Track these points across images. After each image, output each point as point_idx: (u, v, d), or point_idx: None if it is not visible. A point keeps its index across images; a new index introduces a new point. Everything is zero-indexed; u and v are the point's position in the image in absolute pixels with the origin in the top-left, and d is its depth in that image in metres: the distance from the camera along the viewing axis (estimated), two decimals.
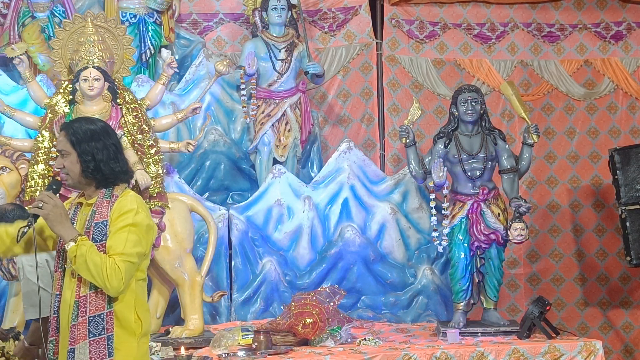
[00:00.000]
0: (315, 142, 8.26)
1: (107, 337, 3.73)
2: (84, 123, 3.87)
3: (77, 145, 3.79)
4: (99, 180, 3.82)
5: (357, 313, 7.28)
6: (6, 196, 6.43)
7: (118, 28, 6.95)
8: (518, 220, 6.56)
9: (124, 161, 3.89)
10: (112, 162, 3.82)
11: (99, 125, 3.88)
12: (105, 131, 3.86)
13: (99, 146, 3.79)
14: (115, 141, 3.87)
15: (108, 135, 3.85)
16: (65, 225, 3.75)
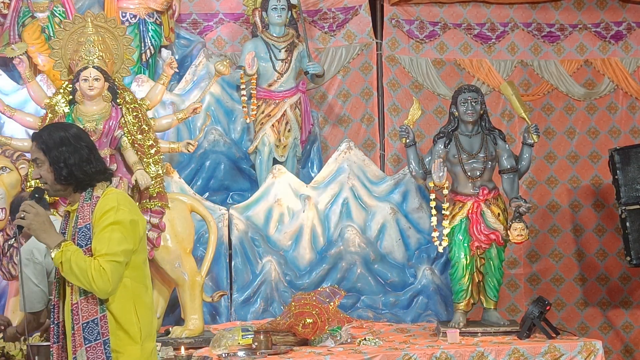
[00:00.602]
0: (315, 142, 8.26)
1: (103, 341, 3.66)
2: (54, 130, 3.82)
3: (48, 152, 3.75)
4: (75, 184, 3.77)
5: (357, 313, 7.28)
6: (6, 196, 6.43)
7: (118, 28, 6.94)
8: (518, 220, 6.56)
9: (99, 161, 3.82)
10: (85, 165, 3.75)
11: (69, 130, 3.82)
12: (76, 135, 3.80)
13: (70, 150, 3.74)
14: (87, 143, 3.81)
15: (79, 138, 3.80)
16: (48, 233, 3.69)
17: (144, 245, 3.79)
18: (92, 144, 3.83)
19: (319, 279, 7.37)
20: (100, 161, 3.83)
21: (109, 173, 3.86)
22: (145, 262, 3.81)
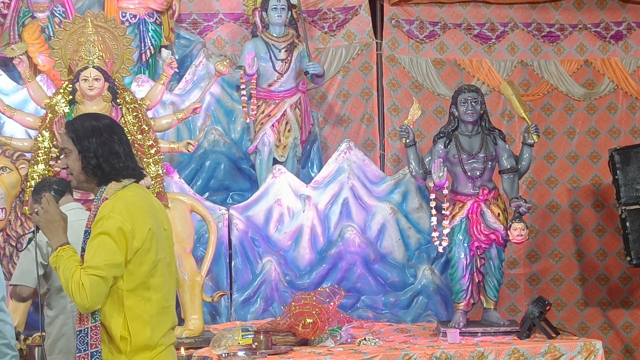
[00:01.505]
0: (315, 142, 8.26)
1: (91, 353, 3.48)
2: (86, 119, 3.66)
3: (77, 141, 3.58)
4: (100, 177, 3.58)
5: (357, 313, 7.28)
6: (6, 196, 6.43)
7: (118, 28, 6.95)
8: (518, 220, 6.56)
9: (129, 157, 3.61)
10: (114, 158, 3.57)
11: (102, 121, 3.65)
12: (108, 126, 3.62)
13: (99, 141, 3.57)
14: (119, 136, 3.62)
15: (111, 130, 3.62)
16: (53, 233, 3.55)
17: (149, 255, 3.51)
18: (124, 138, 3.65)
19: (319, 279, 7.37)
20: (131, 157, 3.63)
21: (138, 171, 3.66)
22: (150, 273, 3.52)
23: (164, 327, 3.57)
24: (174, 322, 3.65)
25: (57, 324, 4.73)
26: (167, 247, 3.64)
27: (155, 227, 3.55)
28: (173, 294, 3.71)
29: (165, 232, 3.65)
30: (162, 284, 3.57)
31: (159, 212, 3.65)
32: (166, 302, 3.59)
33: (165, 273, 3.59)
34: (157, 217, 3.60)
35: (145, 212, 3.53)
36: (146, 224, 3.50)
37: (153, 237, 3.52)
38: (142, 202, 3.55)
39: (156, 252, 3.53)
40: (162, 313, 3.56)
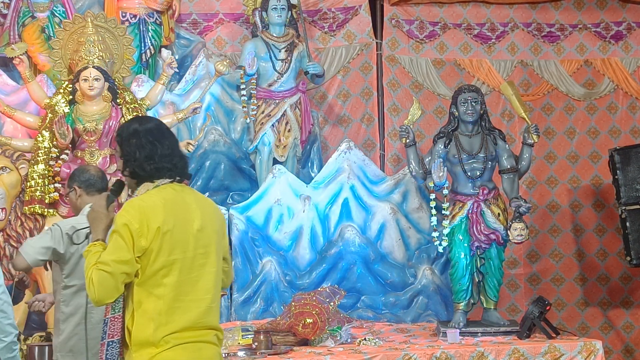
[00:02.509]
0: (315, 142, 8.26)
1: (107, 342, 3.61)
2: (132, 122, 3.77)
3: (121, 145, 3.72)
4: (137, 179, 3.70)
5: (357, 313, 7.27)
6: (6, 196, 6.44)
7: (118, 28, 6.95)
8: (518, 220, 6.56)
9: (164, 158, 3.66)
10: (146, 161, 3.64)
11: (145, 124, 3.74)
12: (147, 130, 3.70)
13: (138, 144, 3.66)
14: (158, 139, 3.68)
15: (149, 133, 3.69)
16: (95, 228, 3.72)
17: (160, 254, 3.54)
18: (164, 140, 3.69)
19: (319, 279, 7.36)
20: (166, 158, 3.67)
21: (176, 171, 3.69)
22: (163, 272, 3.55)
23: (174, 326, 3.55)
24: (194, 322, 3.59)
25: (72, 322, 4.72)
26: (199, 247, 3.64)
27: (172, 227, 3.56)
28: (204, 293, 3.64)
29: (200, 232, 3.65)
30: (177, 283, 3.56)
31: (190, 212, 3.65)
32: (178, 303, 3.56)
33: (186, 272, 3.59)
34: (180, 217, 3.61)
35: (158, 212, 3.56)
36: (155, 223, 3.52)
37: (164, 236, 3.54)
38: (159, 202, 3.58)
39: (169, 252, 3.55)
40: (173, 312, 3.54)
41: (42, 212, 6.54)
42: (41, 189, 6.53)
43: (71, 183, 4.98)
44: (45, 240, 4.69)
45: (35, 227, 6.52)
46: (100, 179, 5.00)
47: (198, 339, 3.61)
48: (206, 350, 3.64)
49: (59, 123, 6.54)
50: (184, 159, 3.75)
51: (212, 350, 3.66)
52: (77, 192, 4.92)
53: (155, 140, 3.69)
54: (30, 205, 6.52)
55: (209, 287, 3.66)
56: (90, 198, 4.91)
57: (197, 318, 3.60)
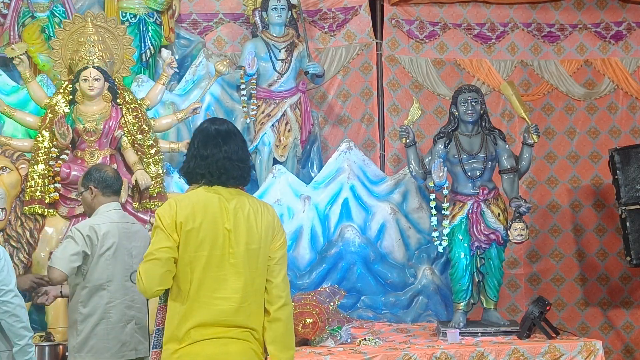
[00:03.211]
0: (315, 142, 8.27)
1: (156, 330, 3.79)
2: (205, 122, 3.94)
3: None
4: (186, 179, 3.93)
5: (357, 313, 7.28)
6: (6, 196, 6.43)
7: (118, 28, 6.95)
8: (518, 220, 6.56)
9: (200, 163, 3.81)
10: (186, 163, 3.85)
11: (202, 125, 3.91)
12: (198, 131, 3.88)
13: (190, 147, 3.87)
14: (204, 143, 3.82)
15: (197, 136, 3.86)
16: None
17: (186, 249, 3.68)
18: (208, 144, 3.82)
19: (318, 279, 7.37)
20: (203, 163, 3.80)
21: (208, 178, 3.82)
22: (189, 267, 3.68)
23: (197, 320, 3.65)
24: (220, 319, 3.68)
25: (90, 322, 4.73)
26: (229, 247, 3.73)
27: (198, 225, 3.69)
28: (232, 292, 3.71)
29: (232, 233, 3.74)
30: (203, 279, 3.68)
31: (223, 213, 3.76)
32: (204, 298, 3.66)
33: (214, 270, 3.69)
34: (210, 217, 3.73)
35: (185, 210, 3.71)
36: (179, 219, 3.68)
37: (188, 233, 3.68)
38: (189, 201, 3.75)
39: (196, 248, 3.68)
40: (198, 307, 3.66)
41: (42, 212, 6.53)
42: (41, 189, 6.53)
43: (87, 182, 4.94)
44: (73, 247, 4.69)
45: (35, 227, 6.52)
46: (116, 179, 5.00)
47: (224, 335, 3.68)
48: (233, 346, 3.69)
49: (59, 123, 6.53)
50: (231, 170, 3.82)
51: (240, 345, 3.71)
52: (93, 192, 4.90)
53: (200, 143, 3.84)
54: (30, 205, 6.52)
55: (238, 286, 3.72)
56: (106, 199, 4.90)
57: (222, 315, 3.68)
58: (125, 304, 4.79)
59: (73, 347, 4.76)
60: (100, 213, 4.85)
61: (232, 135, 3.87)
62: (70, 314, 4.84)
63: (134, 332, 4.82)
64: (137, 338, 4.83)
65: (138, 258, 4.77)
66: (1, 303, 4.49)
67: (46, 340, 5.92)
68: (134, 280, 4.47)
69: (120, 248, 4.80)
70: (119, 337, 4.76)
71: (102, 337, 4.72)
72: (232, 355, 3.68)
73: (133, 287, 4.73)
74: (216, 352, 3.66)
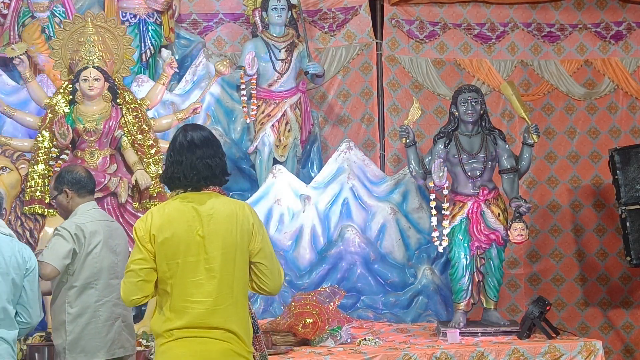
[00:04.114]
0: (315, 142, 8.26)
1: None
2: (179, 130, 4.06)
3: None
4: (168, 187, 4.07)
5: (357, 313, 7.27)
6: (6, 196, 6.43)
7: (118, 28, 6.95)
8: (518, 220, 6.56)
9: (176, 170, 3.94)
10: (169, 168, 3.96)
11: (183, 132, 4.03)
12: (174, 139, 4.01)
13: (167, 157, 3.99)
14: (178, 150, 3.95)
15: (173, 144, 3.99)
16: None
17: (163, 258, 3.82)
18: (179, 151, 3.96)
19: (319, 279, 7.36)
20: (177, 169, 3.94)
21: (181, 182, 3.96)
22: (168, 273, 3.82)
23: (178, 323, 3.79)
24: (197, 322, 3.79)
25: (80, 322, 4.72)
26: (203, 253, 3.84)
27: (170, 235, 3.82)
28: (206, 296, 3.82)
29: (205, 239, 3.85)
30: (181, 285, 3.82)
31: (195, 220, 3.88)
32: (182, 302, 3.80)
33: (189, 276, 3.82)
34: (182, 226, 3.85)
35: (156, 222, 3.86)
36: (153, 230, 3.83)
37: (162, 244, 3.82)
38: (160, 213, 3.89)
39: (171, 257, 3.82)
40: (178, 310, 3.80)
41: (42, 212, 6.53)
42: (41, 189, 6.53)
43: (60, 185, 4.92)
44: (64, 244, 4.69)
45: (35, 227, 6.52)
46: (90, 178, 4.98)
47: (203, 335, 3.81)
48: (212, 345, 3.81)
49: (59, 123, 6.53)
50: (204, 170, 4.03)
51: (218, 345, 3.82)
52: (69, 194, 4.88)
53: (176, 151, 3.97)
54: (30, 205, 6.52)
55: (211, 290, 3.82)
56: (82, 199, 4.89)
57: (199, 318, 3.80)
58: (113, 302, 4.80)
59: (63, 348, 4.75)
60: (81, 212, 4.85)
61: (207, 140, 4.07)
62: (55, 315, 4.83)
63: (122, 330, 4.84)
64: (124, 336, 4.85)
65: (121, 255, 4.87)
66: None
67: (46, 340, 5.91)
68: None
69: (105, 246, 4.81)
70: (108, 335, 4.77)
71: (93, 336, 4.72)
72: (212, 353, 3.81)
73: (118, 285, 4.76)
74: (197, 349, 3.79)
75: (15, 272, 4.36)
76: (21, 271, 4.40)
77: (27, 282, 4.45)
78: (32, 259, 4.50)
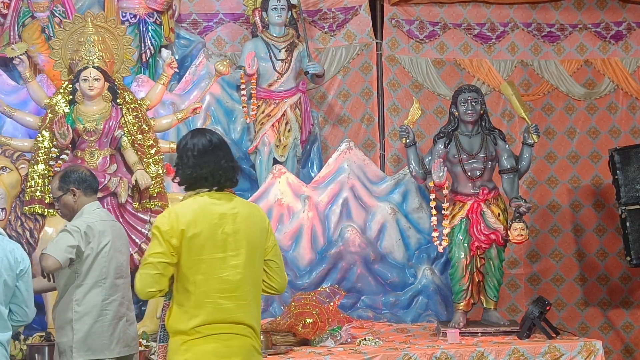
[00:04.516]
0: (315, 142, 8.26)
1: (161, 325, 4.34)
2: (187, 136, 4.16)
3: (177, 154, 4.17)
4: (185, 188, 4.12)
5: (357, 313, 7.28)
6: (6, 196, 6.43)
7: (118, 28, 6.95)
8: (518, 220, 6.56)
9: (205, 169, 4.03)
10: (187, 170, 4.05)
11: (190, 136, 4.13)
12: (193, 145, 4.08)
13: (184, 157, 4.07)
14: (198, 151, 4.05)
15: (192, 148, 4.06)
16: None
17: (188, 254, 3.91)
18: (209, 153, 4.05)
19: (319, 279, 7.37)
20: (213, 170, 4.03)
21: (216, 181, 4.05)
22: (192, 269, 3.91)
23: (203, 319, 3.90)
24: (223, 317, 3.92)
25: (87, 321, 4.73)
26: (228, 249, 3.96)
27: (199, 231, 3.92)
28: (232, 291, 3.95)
29: (229, 237, 3.96)
30: (206, 281, 3.92)
31: (222, 218, 3.98)
32: (208, 298, 3.91)
33: (216, 272, 3.93)
34: (211, 222, 3.96)
35: (186, 217, 3.94)
36: (181, 226, 3.91)
37: (191, 239, 3.91)
38: (190, 209, 3.98)
39: (198, 253, 3.91)
40: (202, 306, 3.91)
41: (42, 212, 6.54)
42: (41, 189, 6.53)
43: (66, 185, 4.91)
44: (70, 240, 4.69)
45: (35, 227, 6.52)
46: (94, 178, 5.01)
47: (228, 331, 3.94)
48: (236, 341, 3.95)
49: (59, 123, 6.54)
50: (229, 171, 4.08)
51: (242, 341, 3.97)
52: (76, 193, 4.89)
53: (196, 154, 4.06)
54: (30, 205, 6.52)
55: (237, 286, 3.97)
56: (88, 198, 4.90)
57: (225, 313, 3.93)
58: (119, 301, 4.81)
59: (70, 346, 4.75)
60: (87, 212, 4.85)
61: (224, 143, 4.17)
62: (60, 314, 4.83)
63: (126, 328, 4.85)
64: (129, 335, 4.87)
65: (125, 255, 4.91)
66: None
67: (46, 340, 5.91)
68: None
69: (113, 246, 4.82)
70: (114, 334, 4.78)
71: (100, 335, 4.74)
72: (233, 349, 3.93)
73: (123, 285, 4.84)
74: (219, 346, 3.90)
75: (7, 273, 4.36)
76: (13, 272, 4.40)
77: (22, 283, 4.45)
78: (25, 259, 4.51)
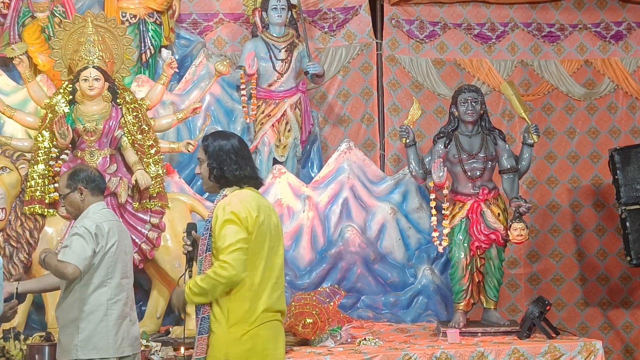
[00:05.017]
0: (315, 142, 8.27)
1: (201, 318, 4.26)
2: (218, 136, 4.39)
3: (208, 154, 4.35)
4: (222, 184, 4.31)
5: (357, 313, 7.28)
6: (6, 196, 6.43)
7: (118, 28, 6.95)
8: (518, 220, 6.56)
9: (248, 168, 4.31)
10: (236, 169, 4.28)
11: (230, 139, 4.37)
12: (233, 145, 4.34)
13: (224, 155, 4.30)
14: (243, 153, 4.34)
15: (235, 147, 4.33)
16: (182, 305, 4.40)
17: (257, 239, 4.15)
18: (245, 154, 4.36)
19: (319, 279, 7.37)
20: (252, 169, 4.34)
21: (259, 181, 4.38)
22: (256, 255, 4.15)
23: (261, 307, 4.16)
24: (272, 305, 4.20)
25: (93, 320, 4.73)
26: (276, 239, 4.28)
27: (263, 219, 4.21)
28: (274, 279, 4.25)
29: (275, 228, 4.30)
30: (264, 268, 4.20)
31: (268, 209, 4.31)
32: (263, 286, 4.18)
33: (270, 260, 4.23)
34: (265, 212, 4.26)
35: (254, 206, 4.21)
36: (254, 213, 4.17)
37: (261, 225, 4.19)
38: (250, 198, 4.24)
39: (262, 240, 4.19)
40: (261, 295, 4.17)
41: (42, 212, 6.53)
42: (41, 189, 6.53)
43: (74, 183, 4.89)
44: (87, 249, 4.69)
45: (35, 227, 6.52)
46: (102, 178, 5.01)
47: (275, 318, 4.26)
48: (279, 328, 4.31)
49: (59, 123, 6.53)
50: (257, 169, 4.42)
51: (280, 328, 4.33)
52: (83, 192, 4.88)
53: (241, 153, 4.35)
54: (30, 205, 6.52)
55: (281, 274, 4.31)
56: (95, 198, 4.89)
57: (274, 301, 4.23)
58: (123, 300, 4.81)
59: (75, 345, 4.75)
60: (93, 212, 4.85)
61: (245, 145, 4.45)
62: (65, 313, 4.82)
63: (129, 328, 4.85)
64: (132, 334, 4.87)
65: (129, 255, 4.91)
66: None
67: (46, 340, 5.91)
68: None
69: (120, 246, 4.82)
70: (118, 333, 4.78)
71: (105, 334, 4.74)
72: (278, 336, 4.28)
73: (127, 285, 4.83)
74: (271, 334, 4.23)
75: None
76: None
77: None
78: None
